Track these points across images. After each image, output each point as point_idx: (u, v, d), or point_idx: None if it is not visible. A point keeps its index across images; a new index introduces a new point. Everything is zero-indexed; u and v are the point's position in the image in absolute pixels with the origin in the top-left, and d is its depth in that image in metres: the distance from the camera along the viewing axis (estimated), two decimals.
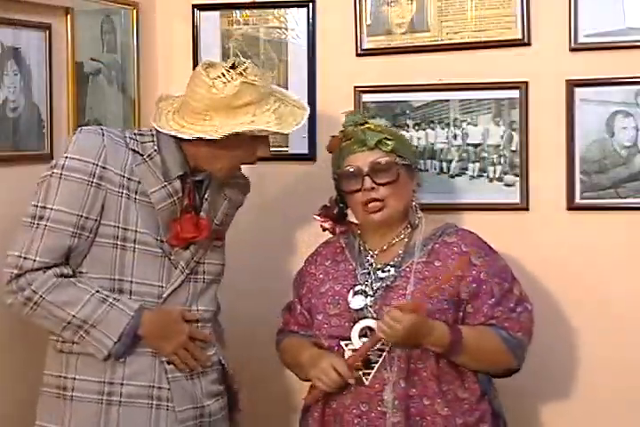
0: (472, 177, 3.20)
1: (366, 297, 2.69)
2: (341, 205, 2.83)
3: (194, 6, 3.42)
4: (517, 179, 3.16)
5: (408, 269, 2.70)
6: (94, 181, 2.54)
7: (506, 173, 3.17)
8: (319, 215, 2.85)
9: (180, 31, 3.43)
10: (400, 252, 2.74)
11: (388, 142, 2.72)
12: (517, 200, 3.17)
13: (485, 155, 3.19)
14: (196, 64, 3.39)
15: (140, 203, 2.59)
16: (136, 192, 2.58)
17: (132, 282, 2.60)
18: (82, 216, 2.54)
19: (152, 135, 2.63)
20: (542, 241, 3.14)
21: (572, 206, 3.12)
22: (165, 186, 2.60)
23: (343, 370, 2.61)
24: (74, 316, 2.53)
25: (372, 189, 2.69)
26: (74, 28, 3.02)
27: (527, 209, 3.16)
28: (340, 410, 2.68)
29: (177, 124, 2.58)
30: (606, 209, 3.10)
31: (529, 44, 3.13)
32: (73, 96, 3.05)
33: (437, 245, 2.73)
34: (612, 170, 3.09)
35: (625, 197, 3.08)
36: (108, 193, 2.55)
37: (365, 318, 2.66)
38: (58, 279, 2.54)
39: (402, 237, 2.76)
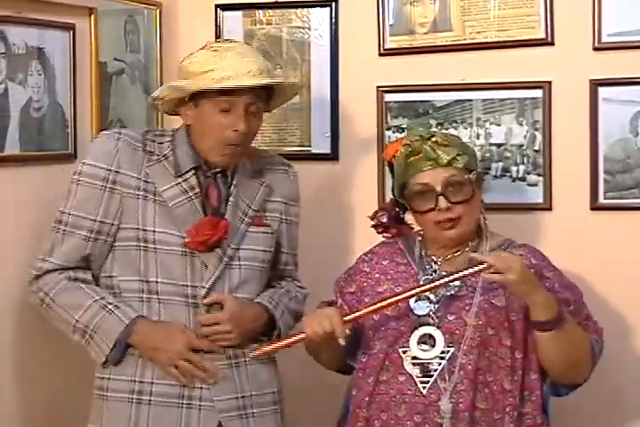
0: (495, 177, 3.19)
1: (430, 303, 2.63)
2: (397, 209, 2.77)
3: (217, 6, 3.42)
4: (540, 179, 3.15)
5: (473, 278, 2.61)
6: (107, 185, 2.60)
7: (529, 173, 3.17)
8: (374, 217, 2.80)
9: (202, 31, 3.43)
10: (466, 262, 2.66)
11: (460, 159, 2.62)
12: (541, 200, 3.16)
13: (508, 154, 3.18)
14: None
15: (159, 203, 2.61)
16: (154, 193, 2.61)
17: (157, 282, 2.60)
18: (96, 220, 2.60)
19: (170, 135, 2.68)
20: (565, 241, 3.13)
21: (595, 206, 3.11)
22: (179, 183, 2.62)
23: (337, 322, 2.53)
24: (77, 320, 2.58)
25: (448, 209, 2.59)
26: (97, 28, 3.03)
27: (550, 209, 3.16)
28: (392, 422, 2.58)
29: None
30: (630, 209, 3.09)
31: (552, 44, 3.12)
32: (96, 96, 3.05)
33: None
34: (635, 169, 3.08)
35: None
36: (123, 196, 2.60)
37: (427, 324, 2.59)
38: (68, 282, 2.60)
39: (468, 249, 2.68)
